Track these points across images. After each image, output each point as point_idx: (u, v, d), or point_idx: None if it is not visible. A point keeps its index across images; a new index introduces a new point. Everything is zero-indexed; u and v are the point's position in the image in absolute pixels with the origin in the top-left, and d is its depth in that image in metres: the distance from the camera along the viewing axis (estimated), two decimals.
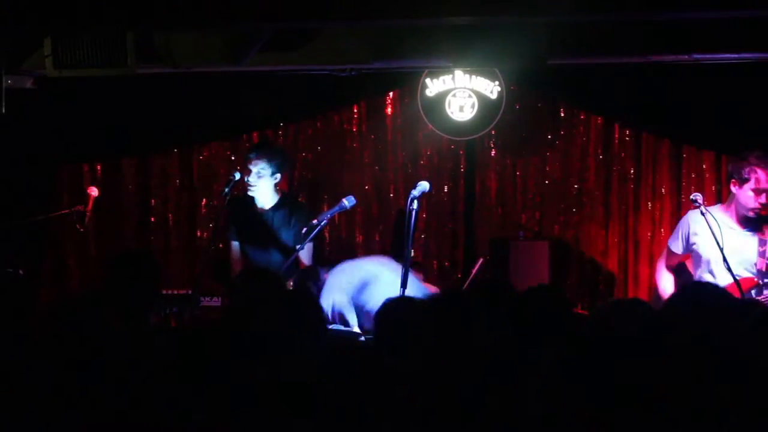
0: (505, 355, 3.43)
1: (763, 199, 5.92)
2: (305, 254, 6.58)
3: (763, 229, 6.03)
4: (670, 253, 6.25)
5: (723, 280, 5.81)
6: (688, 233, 6.10)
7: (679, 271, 6.27)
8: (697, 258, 6.08)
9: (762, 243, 5.95)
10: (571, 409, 2.82)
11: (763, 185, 5.90)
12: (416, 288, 5.65)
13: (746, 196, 5.94)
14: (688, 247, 6.09)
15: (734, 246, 5.91)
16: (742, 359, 3.09)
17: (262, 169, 6.73)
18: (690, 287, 4.07)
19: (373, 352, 3.67)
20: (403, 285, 5.65)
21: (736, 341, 3.21)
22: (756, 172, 5.90)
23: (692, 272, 6.23)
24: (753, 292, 5.92)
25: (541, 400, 2.94)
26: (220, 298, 6.55)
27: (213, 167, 8.13)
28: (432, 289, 6.07)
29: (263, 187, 6.79)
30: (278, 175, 6.82)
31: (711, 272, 5.98)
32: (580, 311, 6.03)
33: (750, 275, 5.94)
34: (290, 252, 6.55)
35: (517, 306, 3.96)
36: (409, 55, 7.19)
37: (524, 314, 3.89)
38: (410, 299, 4.25)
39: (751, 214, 5.95)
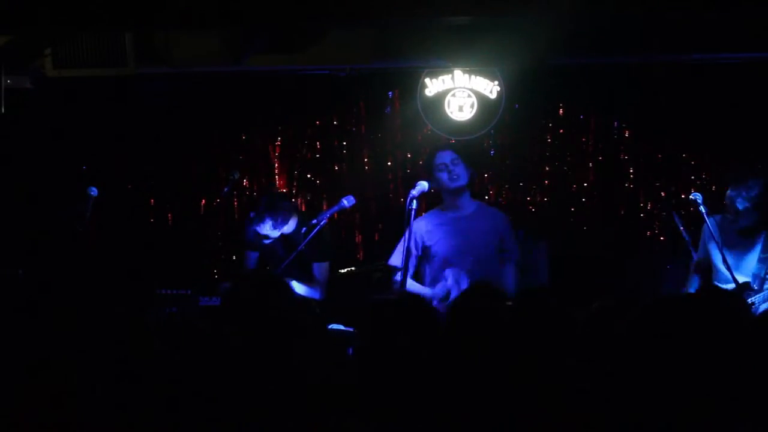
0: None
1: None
2: (320, 275, 6.52)
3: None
4: (697, 259, 6.26)
5: (726, 283, 5.86)
6: (705, 239, 6.13)
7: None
8: (711, 261, 6.10)
9: (766, 249, 5.97)
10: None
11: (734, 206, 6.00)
12: None
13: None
14: (705, 252, 6.12)
15: (734, 252, 5.94)
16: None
17: (273, 225, 6.52)
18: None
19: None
20: (403, 285, 5.67)
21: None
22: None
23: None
24: (746, 293, 5.93)
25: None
26: (219, 298, 6.53)
27: (213, 167, 8.13)
28: None
29: (282, 229, 6.60)
30: (292, 221, 6.59)
31: (717, 273, 6.00)
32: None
33: (746, 279, 5.96)
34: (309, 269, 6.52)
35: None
36: (409, 55, 7.20)
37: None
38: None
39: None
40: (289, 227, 6.54)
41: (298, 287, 6.31)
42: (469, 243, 6.16)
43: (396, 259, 6.27)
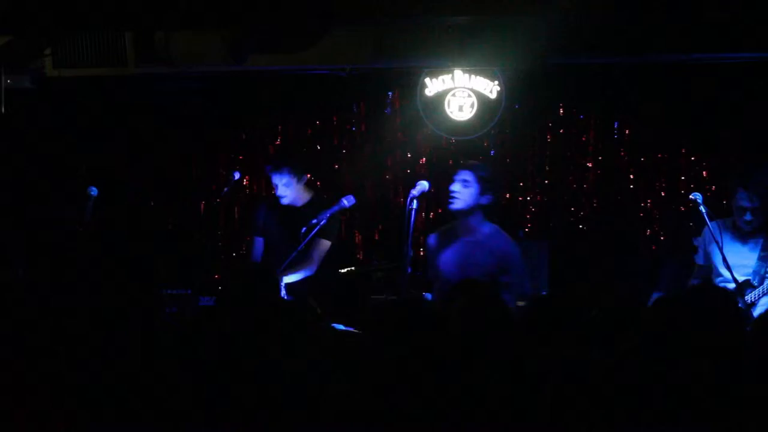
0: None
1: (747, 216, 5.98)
2: (317, 252, 6.52)
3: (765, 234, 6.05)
4: (698, 266, 6.28)
5: (727, 283, 5.87)
6: (705, 243, 6.14)
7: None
8: (711, 263, 6.12)
9: (766, 248, 5.98)
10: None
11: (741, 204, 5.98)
12: None
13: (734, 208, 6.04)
14: (706, 257, 6.13)
15: (735, 250, 5.95)
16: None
17: (287, 179, 6.56)
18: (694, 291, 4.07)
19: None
20: (404, 285, 5.67)
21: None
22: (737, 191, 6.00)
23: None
24: (747, 290, 5.94)
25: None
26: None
27: (213, 167, 8.13)
28: None
29: (294, 193, 6.62)
30: (304, 177, 6.63)
31: (717, 274, 6.01)
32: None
33: (747, 277, 5.97)
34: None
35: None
36: (409, 54, 7.19)
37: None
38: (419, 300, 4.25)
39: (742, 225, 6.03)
40: (304, 197, 6.57)
41: (293, 277, 6.30)
42: (467, 272, 5.90)
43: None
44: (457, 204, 5.82)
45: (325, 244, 6.51)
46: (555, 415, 2.91)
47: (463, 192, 5.83)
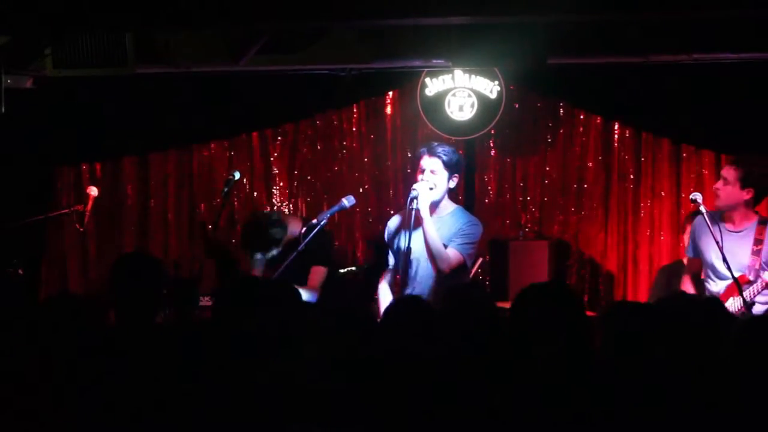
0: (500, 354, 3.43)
1: None
2: (318, 275, 6.52)
3: (759, 228, 6.06)
4: (689, 259, 6.31)
5: (722, 280, 5.87)
6: (695, 237, 6.15)
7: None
8: (703, 260, 6.13)
9: (757, 242, 5.99)
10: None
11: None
12: None
13: None
14: (696, 251, 6.14)
15: (728, 247, 5.95)
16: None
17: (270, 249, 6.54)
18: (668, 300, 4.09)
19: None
20: (404, 285, 5.67)
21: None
22: None
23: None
24: (744, 286, 5.95)
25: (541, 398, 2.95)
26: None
27: (213, 167, 8.13)
28: None
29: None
30: (293, 226, 6.63)
31: (712, 271, 6.02)
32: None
33: (742, 272, 5.98)
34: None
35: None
36: (409, 54, 7.20)
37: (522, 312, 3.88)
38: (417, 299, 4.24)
39: None
40: (293, 233, 6.54)
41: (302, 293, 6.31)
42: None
43: None
44: (428, 196, 5.65)
45: (323, 272, 6.51)
46: (555, 415, 2.91)
47: (433, 181, 5.69)
